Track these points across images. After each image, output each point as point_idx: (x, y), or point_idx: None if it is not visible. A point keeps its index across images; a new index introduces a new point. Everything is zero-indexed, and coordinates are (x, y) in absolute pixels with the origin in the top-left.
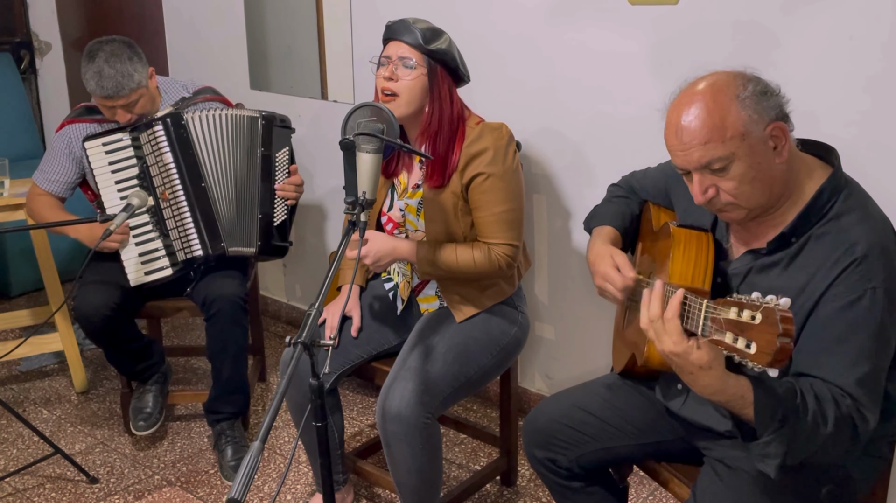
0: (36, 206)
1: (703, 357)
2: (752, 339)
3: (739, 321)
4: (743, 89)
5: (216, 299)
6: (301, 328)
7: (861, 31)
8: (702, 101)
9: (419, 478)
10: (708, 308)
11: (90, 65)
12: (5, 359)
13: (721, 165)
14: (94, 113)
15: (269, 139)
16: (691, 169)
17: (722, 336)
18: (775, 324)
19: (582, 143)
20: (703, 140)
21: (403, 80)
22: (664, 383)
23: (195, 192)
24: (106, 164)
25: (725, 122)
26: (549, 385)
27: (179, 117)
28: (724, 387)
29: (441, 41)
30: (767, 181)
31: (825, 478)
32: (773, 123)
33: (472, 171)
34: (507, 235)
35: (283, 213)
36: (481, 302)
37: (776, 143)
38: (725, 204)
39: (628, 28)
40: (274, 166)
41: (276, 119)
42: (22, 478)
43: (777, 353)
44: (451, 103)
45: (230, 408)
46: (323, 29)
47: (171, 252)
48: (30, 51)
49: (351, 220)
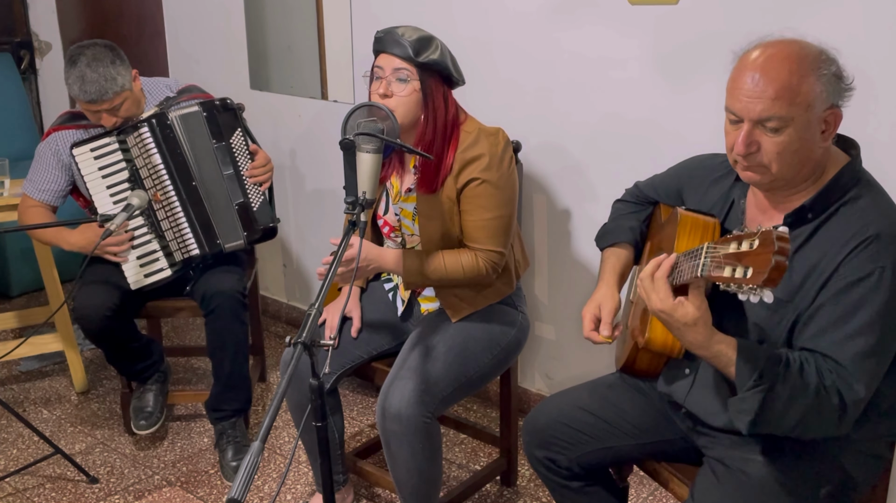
0: (28, 218)
1: (687, 314)
2: (749, 265)
3: (738, 252)
4: (826, 66)
5: (215, 295)
6: (301, 328)
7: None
8: (788, 59)
9: (419, 478)
10: (709, 248)
11: (72, 70)
12: (5, 359)
13: (777, 125)
14: (79, 119)
15: (217, 128)
16: (748, 118)
17: (721, 271)
18: (771, 244)
19: (581, 144)
20: (774, 94)
21: (398, 96)
22: (669, 371)
23: (186, 192)
24: (96, 170)
25: (801, 88)
26: (549, 385)
27: (165, 117)
28: (710, 344)
29: (432, 50)
30: (805, 158)
31: (824, 478)
32: (833, 109)
33: (467, 176)
34: (493, 242)
35: (258, 195)
36: (478, 302)
37: (827, 127)
38: (759, 164)
39: (628, 28)
40: (233, 152)
41: (216, 107)
42: (22, 478)
43: (771, 271)
44: (445, 110)
45: (232, 404)
46: (323, 29)
47: (169, 253)
48: (30, 51)
49: (351, 220)
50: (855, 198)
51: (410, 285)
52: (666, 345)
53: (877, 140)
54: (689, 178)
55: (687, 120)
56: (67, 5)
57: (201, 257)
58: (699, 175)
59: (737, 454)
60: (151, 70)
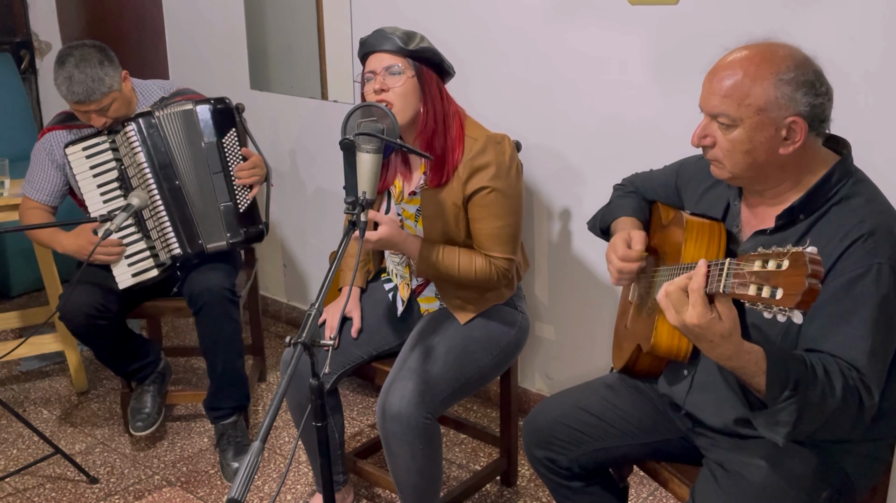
0: (28, 219)
1: (724, 327)
2: (778, 286)
3: (765, 271)
4: (788, 72)
5: (201, 293)
6: (301, 328)
7: (862, 31)
8: (746, 61)
9: (419, 478)
10: (731, 265)
11: (60, 70)
12: (5, 359)
13: (726, 122)
14: (72, 120)
15: (209, 127)
16: (705, 111)
17: (745, 290)
18: (804, 266)
19: (582, 143)
20: (724, 93)
21: (395, 89)
22: (669, 372)
23: (170, 191)
24: (87, 169)
25: (751, 91)
26: (549, 385)
27: (151, 115)
28: (740, 353)
29: (419, 39)
30: (760, 160)
31: (824, 482)
32: (796, 118)
33: (476, 185)
34: (504, 249)
35: (246, 198)
36: (482, 304)
37: (789, 135)
38: (715, 159)
39: (628, 28)
40: (224, 153)
41: (210, 104)
42: (22, 478)
43: (805, 294)
44: (441, 100)
45: (229, 402)
46: (323, 29)
47: (155, 253)
48: (30, 51)
49: (351, 220)
50: (847, 196)
51: (421, 273)
52: (671, 350)
53: (862, 140)
54: (687, 179)
55: (687, 120)
56: (67, 5)
57: (184, 257)
58: (697, 175)
59: (737, 458)
60: (151, 70)
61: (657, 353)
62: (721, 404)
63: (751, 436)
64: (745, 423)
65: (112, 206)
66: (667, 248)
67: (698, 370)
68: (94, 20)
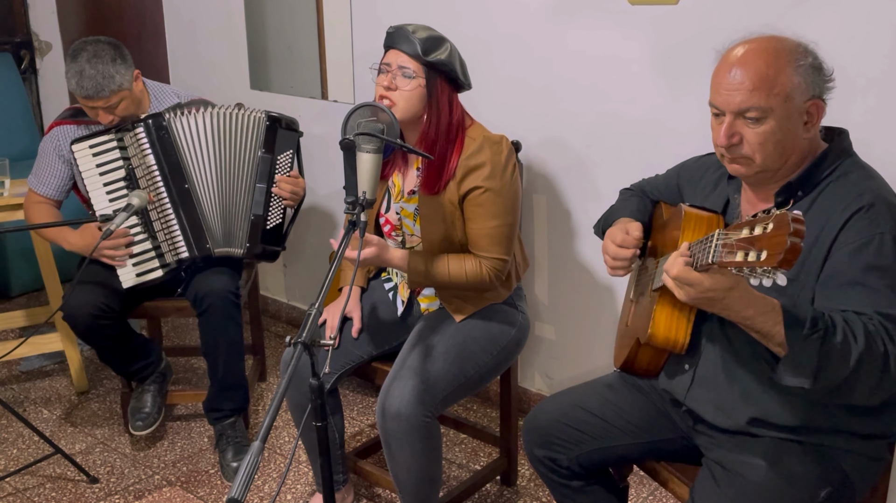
0: (33, 214)
1: (720, 281)
2: (762, 248)
3: (751, 237)
4: (803, 58)
5: (206, 295)
6: (301, 328)
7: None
8: (764, 52)
9: (419, 478)
10: (719, 235)
11: (72, 64)
12: (5, 359)
13: (757, 115)
14: (81, 115)
15: (271, 141)
16: (728, 111)
17: (733, 256)
18: (786, 225)
19: (582, 143)
20: (751, 86)
21: (402, 90)
22: (669, 367)
23: (178, 194)
24: (94, 167)
25: (778, 79)
26: (549, 385)
27: (161, 118)
28: (754, 300)
29: (441, 51)
30: (788, 148)
31: (824, 481)
32: (814, 100)
33: (470, 184)
34: (497, 250)
35: (278, 216)
36: (480, 302)
37: (809, 118)
38: (742, 156)
39: (628, 28)
40: (274, 169)
41: (281, 121)
42: (22, 478)
43: (787, 252)
44: (450, 112)
45: (229, 404)
46: (323, 29)
47: (160, 254)
48: (30, 51)
49: (351, 219)
50: (844, 173)
51: (413, 285)
52: (668, 340)
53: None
54: (688, 178)
55: (687, 119)
56: (67, 5)
57: (191, 260)
58: (697, 174)
59: (736, 457)
60: (152, 70)
61: (655, 343)
62: (732, 406)
63: (761, 437)
64: (759, 423)
65: (117, 206)
66: (666, 241)
67: (700, 365)
68: (94, 20)
